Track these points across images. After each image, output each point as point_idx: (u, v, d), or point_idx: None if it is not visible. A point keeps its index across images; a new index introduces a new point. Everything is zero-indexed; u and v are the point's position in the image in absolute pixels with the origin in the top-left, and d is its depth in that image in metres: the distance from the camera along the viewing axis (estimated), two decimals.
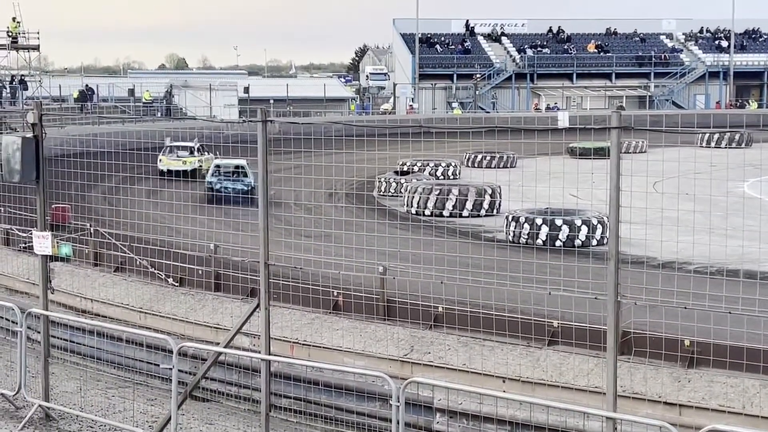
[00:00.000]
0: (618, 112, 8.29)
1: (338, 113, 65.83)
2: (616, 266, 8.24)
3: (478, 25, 78.09)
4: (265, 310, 9.24)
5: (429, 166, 33.82)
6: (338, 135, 14.26)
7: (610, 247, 8.33)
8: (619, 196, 8.27)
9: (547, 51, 75.11)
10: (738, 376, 8.79)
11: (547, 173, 11.10)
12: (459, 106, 68.96)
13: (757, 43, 77.83)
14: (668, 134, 18.02)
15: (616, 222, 8.36)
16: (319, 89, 67.32)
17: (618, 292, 8.18)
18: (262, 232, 9.25)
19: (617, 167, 8.24)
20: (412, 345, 11.28)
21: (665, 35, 78.48)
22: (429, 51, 73.82)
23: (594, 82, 73.33)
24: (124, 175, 17.22)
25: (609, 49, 75.61)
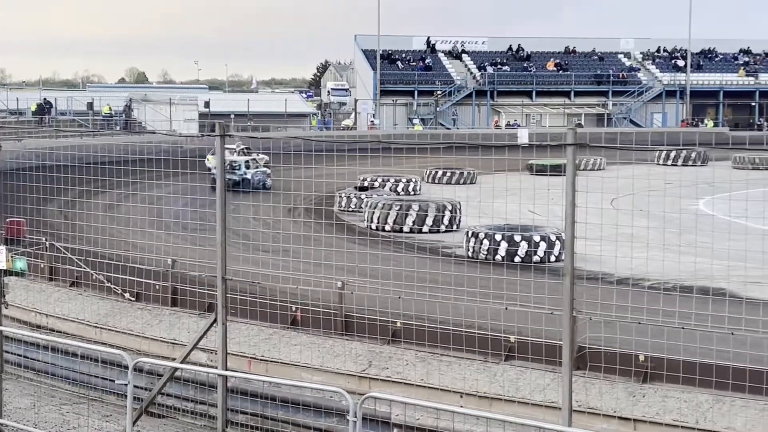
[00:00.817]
0: (574, 129, 8.39)
1: (299, 128, 65.78)
2: (571, 282, 8.32)
3: (439, 42, 78.59)
4: (223, 325, 9.21)
5: (389, 181, 33.90)
6: (298, 150, 14.27)
7: (566, 263, 8.41)
8: (574, 213, 8.36)
9: (507, 69, 75.72)
10: (691, 391, 8.90)
11: (506, 189, 11.18)
12: (420, 123, 69.25)
13: (713, 62, 79.09)
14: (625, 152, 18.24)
15: (571, 238, 8.45)
16: (281, 104, 67.27)
17: (573, 307, 8.26)
18: (220, 246, 9.23)
19: (573, 184, 8.33)
20: (370, 360, 11.28)
21: (623, 54, 79.48)
22: (390, 67, 74.11)
23: (553, 100, 74.06)
24: (81, 189, 17.08)
25: (568, 67, 76.40)
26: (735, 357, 8.91)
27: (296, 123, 69.03)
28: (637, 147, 29.28)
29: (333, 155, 14.99)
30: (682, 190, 27.71)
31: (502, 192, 11.34)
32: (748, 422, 8.61)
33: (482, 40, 79.68)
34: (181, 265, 13.86)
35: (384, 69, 72.59)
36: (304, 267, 13.45)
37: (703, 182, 31.94)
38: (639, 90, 74.10)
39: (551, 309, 9.09)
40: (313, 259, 13.40)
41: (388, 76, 72.66)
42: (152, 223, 15.44)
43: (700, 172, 39.07)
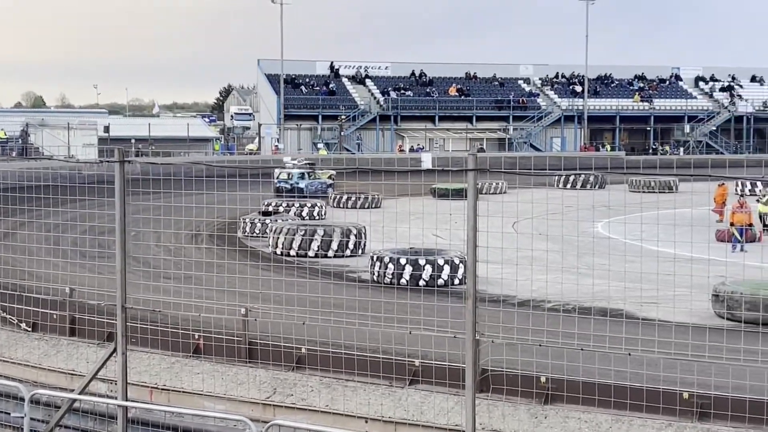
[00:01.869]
0: (474, 155, 8.52)
1: (202, 153, 65.14)
2: (474, 305, 8.41)
3: (343, 67, 78.96)
4: (123, 354, 9.02)
5: (294, 206, 33.79)
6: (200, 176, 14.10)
7: (468, 286, 8.51)
8: (476, 237, 8.47)
9: (410, 93, 76.48)
10: (591, 412, 9.06)
11: (410, 213, 11.26)
12: (324, 147, 69.33)
13: (609, 88, 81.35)
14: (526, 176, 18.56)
15: (473, 261, 8.56)
16: (183, 129, 66.57)
17: (476, 330, 8.35)
18: (120, 274, 9.06)
19: (474, 208, 8.44)
20: (274, 387, 11.19)
21: (523, 80, 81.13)
22: (294, 92, 74.10)
23: (456, 125, 75.06)
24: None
25: (469, 92, 77.61)
26: (632, 377, 9.12)
27: (199, 147, 68.39)
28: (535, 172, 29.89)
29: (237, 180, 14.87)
30: (581, 213, 28.36)
31: (407, 216, 11.43)
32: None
33: (385, 66, 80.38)
34: (79, 293, 13.53)
35: (288, 93, 72.54)
36: (208, 294, 13.29)
37: (600, 205, 32.69)
38: (538, 115, 75.69)
39: (454, 332, 9.18)
40: (217, 285, 13.27)
41: (292, 101, 72.63)
42: (50, 251, 15.05)
43: (597, 195, 39.99)
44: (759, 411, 8.51)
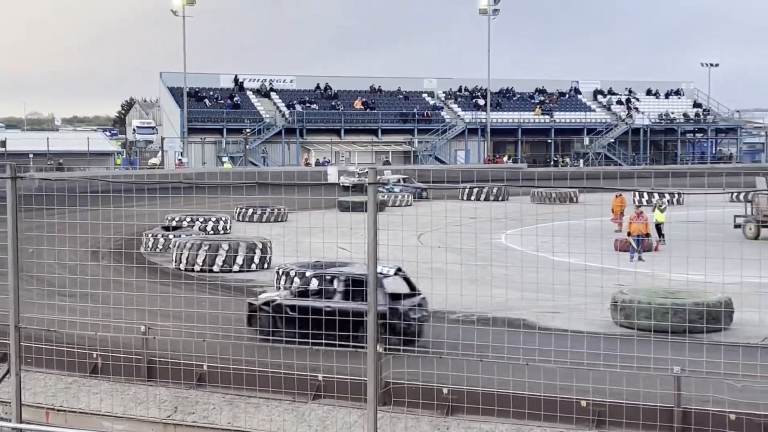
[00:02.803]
0: (374, 169, 8.55)
1: (103, 167, 63.87)
2: (375, 318, 8.43)
3: (247, 81, 78.46)
4: (16, 375, 8.76)
5: (199, 221, 33.36)
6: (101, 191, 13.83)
7: (369, 299, 8.52)
8: (376, 250, 8.49)
9: (315, 107, 76.43)
10: (492, 422, 9.15)
11: (317, 227, 11.22)
12: (229, 161, 68.72)
13: (511, 101, 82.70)
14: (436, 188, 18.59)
15: (374, 274, 8.58)
16: (83, 143, 65.18)
17: (377, 343, 8.37)
18: (12, 293, 8.80)
19: (374, 221, 8.47)
20: (175, 406, 11.01)
21: (427, 93, 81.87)
22: (198, 105, 73.29)
23: (361, 138, 75.25)
24: None
25: (374, 105, 77.94)
26: (532, 386, 9.25)
27: (100, 162, 67.07)
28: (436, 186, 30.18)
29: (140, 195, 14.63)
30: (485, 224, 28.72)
31: (313, 229, 11.39)
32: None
33: (290, 79, 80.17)
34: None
35: (191, 107, 71.71)
36: (108, 311, 13.00)
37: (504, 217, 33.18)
38: (443, 128, 76.43)
39: (355, 346, 9.18)
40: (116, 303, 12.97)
41: (196, 114, 71.81)
42: None
43: (500, 207, 40.57)
44: (652, 417, 8.72)
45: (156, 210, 16.81)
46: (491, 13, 74.95)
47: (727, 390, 8.70)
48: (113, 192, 13.59)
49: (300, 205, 26.18)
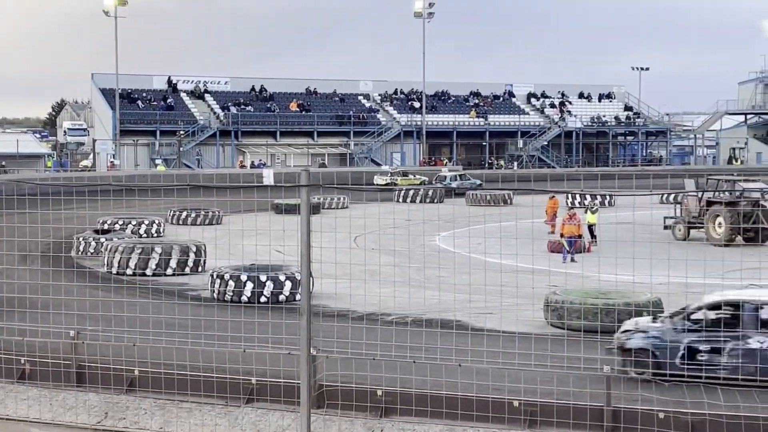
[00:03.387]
0: (307, 170, 8.53)
1: (33, 170, 62.67)
2: (308, 321, 8.41)
3: (181, 82, 77.73)
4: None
5: (131, 224, 32.92)
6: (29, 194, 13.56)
7: (302, 302, 8.50)
8: (309, 252, 8.47)
9: (250, 109, 75.99)
10: (425, 423, 9.18)
11: (252, 230, 11.14)
12: (163, 163, 67.98)
13: (446, 104, 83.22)
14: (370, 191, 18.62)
15: (307, 277, 8.55)
16: (12, 145, 63.88)
17: (310, 346, 8.35)
18: None
19: (307, 224, 8.44)
20: (106, 411, 10.83)
21: (363, 96, 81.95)
22: (130, 107, 72.36)
23: (297, 140, 75.04)
24: None
25: (310, 108, 77.78)
26: (465, 387, 9.30)
27: (30, 164, 65.80)
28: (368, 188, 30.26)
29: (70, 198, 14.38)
30: (421, 226, 28.86)
31: (249, 232, 11.31)
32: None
33: (225, 80, 79.62)
34: None
35: (124, 108, 70.77)
36: (37, 316, 12.75)
37: (438, 219, 33.37)
38: (379, 130, 76.57)
39: (289, 349, 9.14)
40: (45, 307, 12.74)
41: (129, 116, 70.88)
42: None
43: (437, 209, 40.78)
44: (583, 417, 8.83)
45: (87, 213, 16.55)
46: (426, 16, 75.29)
47: (655, 389, 8.85)
48: (41, 195, 13.35)
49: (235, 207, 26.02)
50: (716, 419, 8.46)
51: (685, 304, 12.73)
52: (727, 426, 8.39)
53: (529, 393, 9.15)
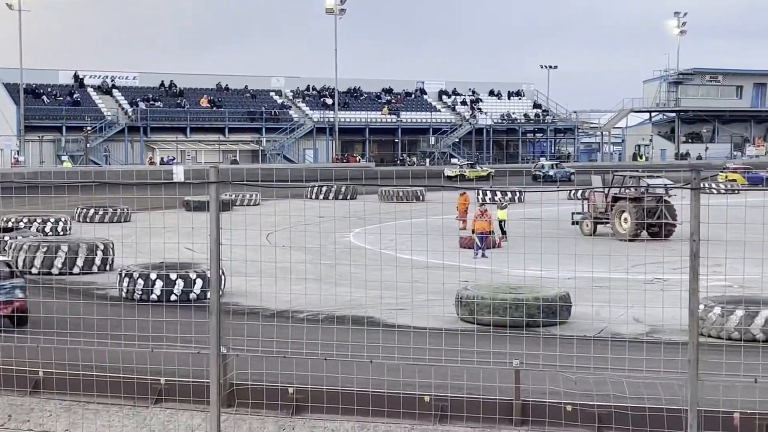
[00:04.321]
0: (216, 167, 8.41)
1: None
2: (218, 319, 8.31)
3: (88, 77, 76.20)
4: None
5: (36, 222, 32.13)
6: None
7: (212, 300, 8.39)
8: (219, 249, 8.37)
9: (160, 104, 74.92)
10: (337, 420, 9.16)
11: (161, 227, 10.94)
12: (69, 159, 66.52)
13: (359, 101, 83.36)
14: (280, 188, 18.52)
15: (216, 275, 8.45)
16: None
17: (220, 344, 8.25)
18: None
19: (216, 221, 8.34)
20: (9, 414, 10.52)
21: (275, 92, 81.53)
22: (35, 102, 70.63)
23: (208, 136, 74.26)
24: None
25: (221, 104, 77.00)
26: (377, 383, 9.31)
27: None
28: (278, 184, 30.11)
29: None
30: (333, 223, 28.83)
31: (158, 230, 11.11)
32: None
33: (133, 76, 78.33)
34: None
35: (28, 104, 69.04)
36: None
37: (351, 216, 33.41)
38: (291, 127, 76.26)
39: (198, 348, 9.02)
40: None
41: (33, 112, 69.17)
42: None
43: (350, 205, 40.78)
44: (492, 410, 8.92)
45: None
46: (338, 12, 75.27)
47: (563, 382, 8.99)
48: None
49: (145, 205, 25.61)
50: (622, 411, 8.64)
51: None
52: (632, 418, 8.58)
53: (440, 388, 9.22)
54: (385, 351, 9.56)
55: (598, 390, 8.87)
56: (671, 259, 21.10)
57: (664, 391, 8.75)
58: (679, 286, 8.28)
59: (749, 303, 15.30)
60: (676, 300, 8.92)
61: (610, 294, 13.82)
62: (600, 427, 8.80)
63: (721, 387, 8.51)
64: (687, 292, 7.63)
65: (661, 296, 10.36)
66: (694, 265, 7.56)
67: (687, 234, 7.80)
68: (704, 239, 7.68)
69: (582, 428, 8.83)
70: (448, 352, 9.76)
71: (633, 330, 15.44)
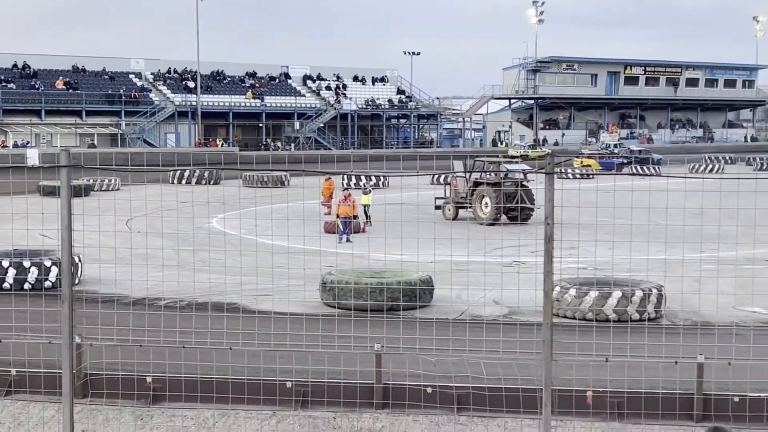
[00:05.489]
0: (66, 150, 8.11)
1: None
2: (70, 308, 8.02)
3: None
4: None
5: None
6: None
7: (64, 288, 8.10)
8: (71, 236, 8.08)
9: (13, 86, 71.92)
10: (197, 408, 9.03)
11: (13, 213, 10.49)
12: None
13: (222, 84, 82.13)
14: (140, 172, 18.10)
15: (68, 262, 8.15)
16: None
17: (73, 334, 7.97)
18: None
19: (68, 206, 8.04)
20: None
21: (134, 74, 79.46)
22: None
23: (64, 119, 71.74)
24: None
25: (78, 86, 74.56)
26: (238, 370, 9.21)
27: None
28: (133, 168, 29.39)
29: None
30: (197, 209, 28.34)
31: (9, 216, 10.66)
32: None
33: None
34: None
35: None
36: None
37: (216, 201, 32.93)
38: (152, 110, 74.53)
39: (49, 338, 8.71)
40: None
41: None
42: None
43: (213, 190, 40.20)
44: (353, 395, 8.96)
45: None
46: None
47: (423, 364, 9.10)
48: None
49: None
50: (480, 392, 8.80)
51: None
52: (489, 398, 8.75)
53: (301, 373, 9.19)
54: (246, 337, 9.45)
55: (456, 372, 9.01)
56: (529, 242, 21.65)
57: (520, 371, 8.96)
58: (536, 268, 8.47)
59: (602, 284, 15.83)
60: (533, 282, 9.12)
61: (469, 277, 14.09)
62: (459, 408, 8.95)
63: (574, 366, 8.77)
64: (542, 274, 7.80)
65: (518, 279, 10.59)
66: (548, 248, 7.74)
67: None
68: (559, 223, 7.88)
69: (441, 410, 8.96)
70: (309, 337, 9.73)
71: (492, 312, 15.75)
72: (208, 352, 9.16)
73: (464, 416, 8.91)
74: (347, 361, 9.25)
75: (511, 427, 8.76)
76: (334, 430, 8.80)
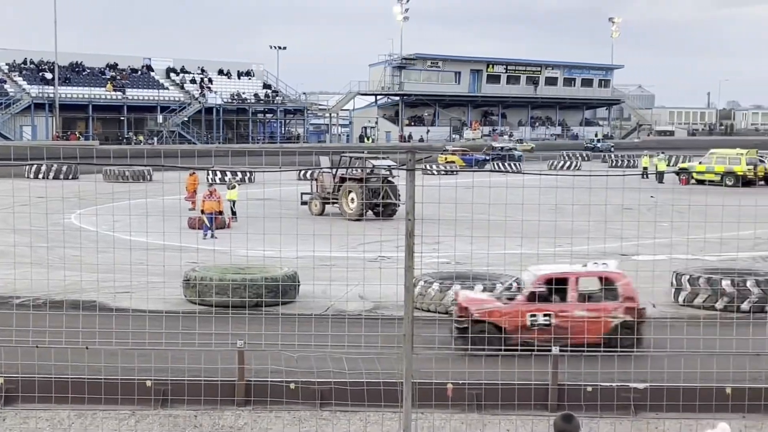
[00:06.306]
0: None
1: None
2: None
3: None
4: None
5: None
6: None
7: None
8: None
9: None
10: (52, 408, 8.78)
11: None
12: None
13: (81, 76, 79.71)
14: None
15: None
16: None
17: None
18: None
19: None
20: None
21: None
22: None
23: None
24: None
25: None
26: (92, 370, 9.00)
27: None
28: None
29: None
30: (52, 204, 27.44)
31: None
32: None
33: None
34: None
35: None
36: None
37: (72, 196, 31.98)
38: (6, 102, 71.73)
39: None
40: None
41: None
42: None
43: (72, 185, 39.02)
44: (214, 392, 8.88)
45: None
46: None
47: (285, 360, 9.09)
48: None
49: None
50: (342, 387, 8.86)
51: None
52: (351, 393, 8.82)
53: (161, 372, 9.03)
54: (103, 336, 9.23)
55: (319, 367, 9.04)
56: (393, 238, 21.87)
57: (381, 365, 9.06)
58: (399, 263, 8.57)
59: (462, 278, 16.13)
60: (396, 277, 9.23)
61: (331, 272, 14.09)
62: (321, 403, 8.98)
63: (434, 360, 8.92)
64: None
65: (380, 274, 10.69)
66: (410, 244, 7.84)
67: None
68: (420, 219, 7.98)
69: (304, 405, 8.97)
70: (169, 335, 9.57)
71: (357, 307, 15.85)
72: (63, 352, 8.91)
73: (327, 411, 8.95)
74: (208, 358, 9.16)
75: (373, 420, 8.84)
76: (195, 428, 8.69)
